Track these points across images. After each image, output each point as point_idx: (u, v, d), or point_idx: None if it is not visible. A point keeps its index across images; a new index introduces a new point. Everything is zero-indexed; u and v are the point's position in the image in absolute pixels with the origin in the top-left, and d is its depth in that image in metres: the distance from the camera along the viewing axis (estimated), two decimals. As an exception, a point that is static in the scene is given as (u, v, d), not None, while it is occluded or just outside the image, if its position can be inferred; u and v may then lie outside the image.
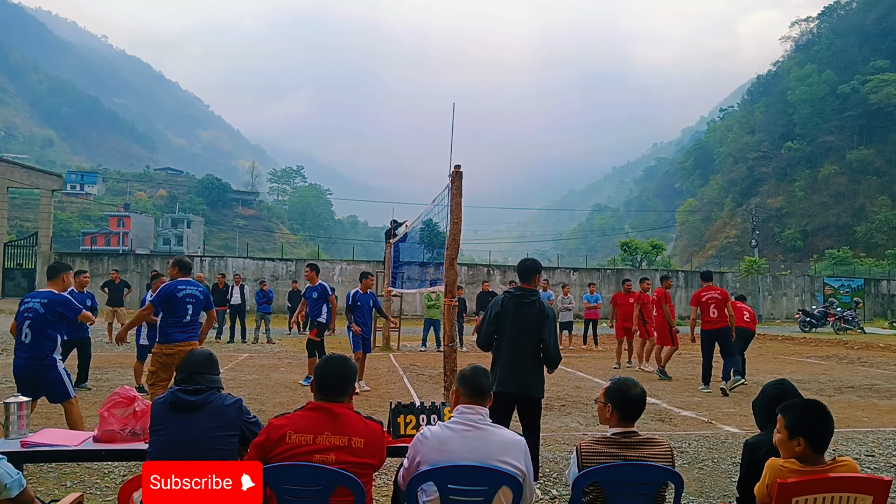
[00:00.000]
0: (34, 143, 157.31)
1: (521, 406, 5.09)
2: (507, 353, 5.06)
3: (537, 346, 5.09)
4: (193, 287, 6.85)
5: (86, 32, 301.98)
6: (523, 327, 5.08)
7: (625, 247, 44.45)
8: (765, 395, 3.43)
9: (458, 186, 7.33)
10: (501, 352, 5.10)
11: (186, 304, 6.64)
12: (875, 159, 76.88)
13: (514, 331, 5.08)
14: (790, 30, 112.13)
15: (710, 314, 10.52)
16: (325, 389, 3.03)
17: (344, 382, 3.06)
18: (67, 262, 30.13)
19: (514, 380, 5.02)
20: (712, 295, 10.60)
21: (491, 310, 5.20)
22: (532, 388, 5.08)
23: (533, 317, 5.09)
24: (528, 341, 5.07)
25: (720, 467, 5.98)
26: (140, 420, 3.73)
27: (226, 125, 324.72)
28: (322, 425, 2.90)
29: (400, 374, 11.96)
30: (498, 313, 5.13)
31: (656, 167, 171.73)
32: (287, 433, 2.87)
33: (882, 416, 8.70)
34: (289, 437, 2.86)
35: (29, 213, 67.02)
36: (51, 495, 4.52)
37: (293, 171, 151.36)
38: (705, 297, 10.60)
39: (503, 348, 5.10)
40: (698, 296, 10.73)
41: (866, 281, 39.48)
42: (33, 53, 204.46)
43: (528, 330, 5.07)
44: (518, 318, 5.08)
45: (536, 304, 5.14)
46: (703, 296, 10.65)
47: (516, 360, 5.05)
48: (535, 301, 5.15)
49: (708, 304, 10.54)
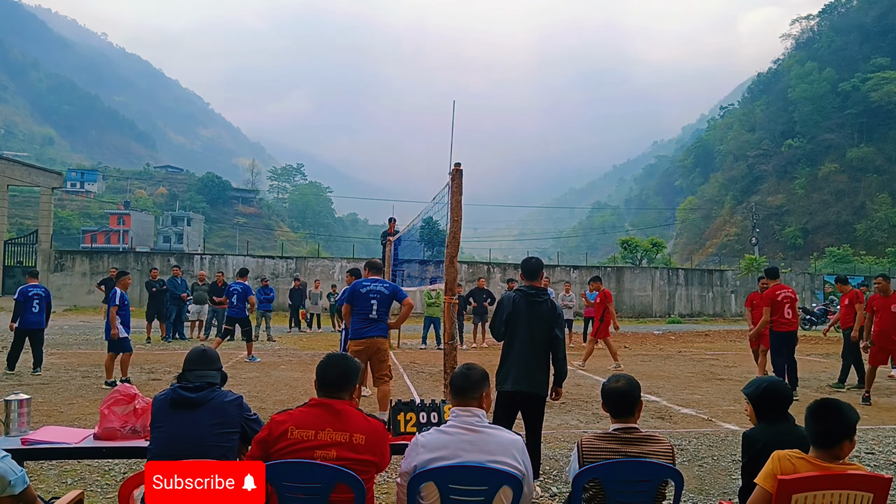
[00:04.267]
0: (34, 140, 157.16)
1: (528, 404, 5.12)
2: (521, 353, 5.08)
3: (549, 345, 5.13)
4: (379, 284, 7.28)
5: (86, 30, 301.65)
6: (537, 327, 5.11)
7: (625, 245, 44.46)
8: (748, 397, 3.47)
9: (458, 184, 7.32)
10: (514, 350, 5.10)
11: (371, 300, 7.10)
12: (875, 157, 76.80)
13: (528, 330, 5.11)
14: (791, 27, 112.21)
15: (786, 314, 9.76)
16: (326, 386, 3.05)
17: (344, 379, 3.07)
18: (68, 259, 30.30)
19: (527, 379, 5.05)
20: (787, 294, 9.88)
21: (504, 309, 5.19)
22: (542, 387, 5.13)
23: (546, 316, 5.13)
24: (541, 341, 5.12)
25: (720, 464, 5.98)
26: (140, 417, 3.73)
27: (226, 123, 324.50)
28: (324, 421, 2.91)
29: (400, 372, 11.95)
30: (511, 312, 5.14)
31: (656, 165, 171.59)
32: (289, 429, 2.88)
33: (882, 413, 8.71)
34: (290, 432, 2.88)
35: (29, 211, 66.98)
36: (51, 493, 4.53)
37: (293, 168, 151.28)
38: (781, 296, 9.78)
39: (516, 347, 5.10)
40: (772, 294, 9.80)
41: (866, 279, 39.47)
42: (33, 51, 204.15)
43: (542, 329, 5.11)
44: (531, 318, 5.11)
45: (548, 303, 5.19)
46: (777, 294, 9.79)
47: (530, 360, 5.09)
48: (546, 300, 5.20)
49: (783, 304, 9.75)
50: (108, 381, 9.69)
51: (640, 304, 34.93)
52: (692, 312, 35.14)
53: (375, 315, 7.03)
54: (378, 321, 7.06)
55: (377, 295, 7.01)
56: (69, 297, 29.53)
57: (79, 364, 11.95)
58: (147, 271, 23.52)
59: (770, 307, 9.77)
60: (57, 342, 15.75)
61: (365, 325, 6.99)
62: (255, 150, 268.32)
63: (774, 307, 9.78)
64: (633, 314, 34.27)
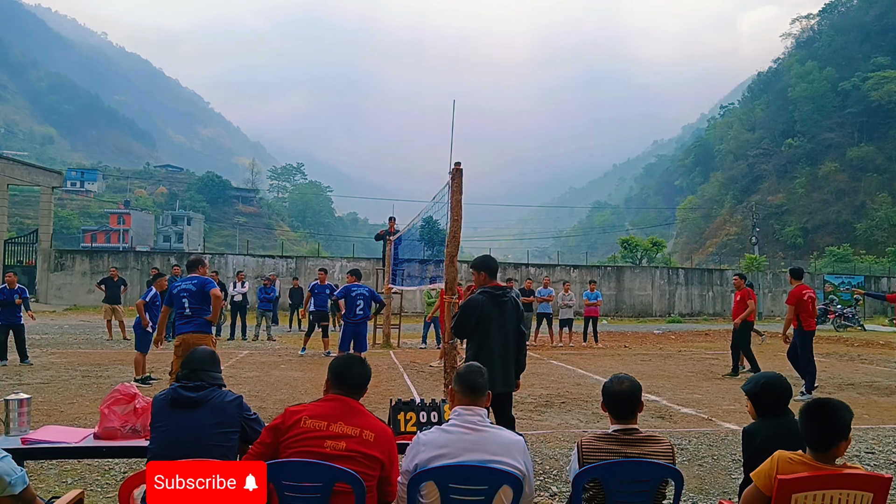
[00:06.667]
0: (34, 140, 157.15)
1: (502, 402, 5.24)
2: (499, 354, 5.14)
3: (517, 342, 5.31)
4: (188, 283, 7.83)
5: (85, 29, 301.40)
6: (508, 326, 5.23)
7: (625, 244, 44.50)
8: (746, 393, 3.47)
9: (458, 183, 7.33)
10: (493, 352, 5.11)
11: (182, 300, 7.70)
12: (875, 156, 76.80)
13: (500, 330, 5.20)
14: (791, 27, 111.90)
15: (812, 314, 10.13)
16: (342, 384, 3.09)
17: (360, 380, 3.15)
18: (68, 259, 30.31)
19: (505, 379, 5.17)
20: (810, 294, 10.17)
21: (474, 311, 5.19)
22: (513, 384, 5.33)
23: (512, 313, 5.28)
24: (512, 339, 5.26)
25: (720, 464, 5.98)
26: (140, 417, 3.73)
27: (225, 122, 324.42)
28: (337, 415, 2.96)
29: (400, 371, 11.96)
30: (481, 315, 5.17)
31: (656, 164, 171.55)
32: (302, 418, 2.94)
33: (882, 413, 8.70)
34: (304, 421, 2.92)
35: (29, 211, 67.01)
36: (52, 492, 4.53)
37: (293, 168, 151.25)
38: (806, 296, 10.04)
39: (494, 349, 5.14)
40: (799, 294, 10.01)
41: (866, 278, 39.51)
42: (33, 50, 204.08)
43: (512, 327, 5.26)
44: (501, 318, 5.21)
45: (512, 301, 5.34)
46: (803, 294, 10.03)
47: (508, 360, 5.21)
48: (510, 297, 5.34)
49: (808, 303, 10.04)
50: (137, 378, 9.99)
51: (640, 303, 34.93)
52: (692, 312, 35.14)
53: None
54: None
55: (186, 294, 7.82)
56: (69, 297, 29.55)
57: (79, 363, 11.96)
58: (147, 271, 23.54)
59: (796, 306, 10.00)
60: (57, 341, 15.76)
61: (181, 321, 7.85)
62: (255, 150, 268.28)
63: (800, 306, 10.00)
64: (633, 313, 34.29)
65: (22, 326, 11.88)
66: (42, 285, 29.66)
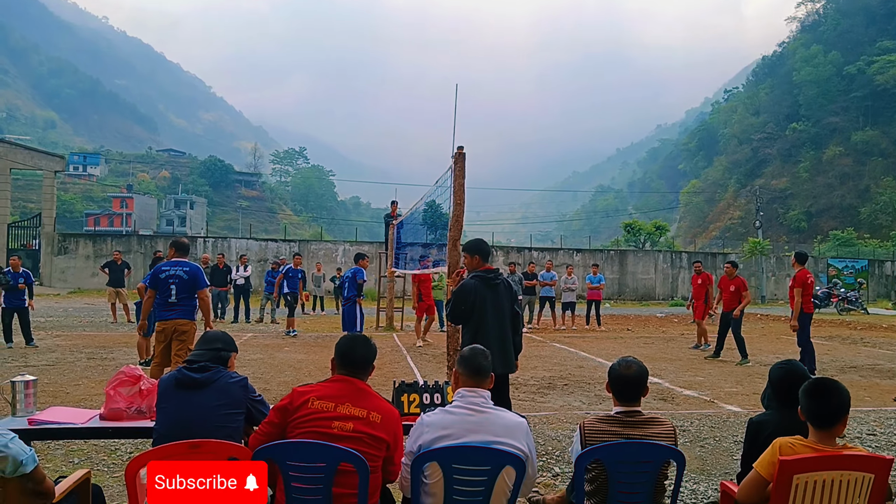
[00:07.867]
0: (36, 124, 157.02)
1: (501, 383, 5.21)
2: (496, 336, 5.15)
3: (513, 323, 5.33)
4: (178, 268, 7.32)
5: (86, 13, 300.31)
6: (502, 309, 5.25)
7: (628, 228, 44.39)
8: (770, 375, 3.37)
9: (461, 168, 7.31)
10: (490, 335, 5.10)
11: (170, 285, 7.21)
12: (880, 140, 76.33)
13: (497, 314, 5.21)
14: (796, 10, 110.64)
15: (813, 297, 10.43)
16: (348, 364, 3.11)
17: (367, 360, 3.16)
18: (71, 243, 30.39)
19: (505, 360, 5.18)
20: (811, 278, 10.47)
21: (468, 296, 5.18)
22: (513, 365, 5.35)
23: (505, 295, 5.29)
24: (507, 321, 5.28)
25: (721, 445, 6.01)
26: (146, 398, 3.76)
27: (227, 106, 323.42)
28: (345, 396, 2.98)
29: (403, 354, 12.02)
30: (476, 299, 5.16)
31: (660, 149, 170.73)
32: (310, 399, 2.95)
33: (884, 395, 8.73)
34: (311, 402, 2.94)
35: (32, 195, 67.12)
36: (59, 472, 4.57)
37: (295, 152, 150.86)
38: (810, 280, 10.36)
39: (491, 332, 5.14)
40: (804, 278, 10.25)
41: (870, 262, 39.44)
42: (34, 35, 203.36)
43: (507, 309, 5.28)
44: (495, 301, 5.22)
45: (504, 283, 5.35)
46: (808, 278, 10.32)
47: (505, 342, 5.22)
48: (501, 280, 5.35)
49: (811, 286, 10.41)
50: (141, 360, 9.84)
51: (643, 286, 34.94)
52: (695, 296, 35.06)
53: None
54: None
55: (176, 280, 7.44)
56: (73, 280, 29.66)
57: (84, 346, 12.03)
58: (150, 254, 23.54)
59: (802, 289, 10.19)
60: (62, 324, 15.84)
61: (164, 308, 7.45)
62: (257, 134, 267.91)
63: (805, 290, 10.24)
64: (637, 297, 34.31)
65: (26, 309, 12.02)
66: (46, 269, 29.76)
